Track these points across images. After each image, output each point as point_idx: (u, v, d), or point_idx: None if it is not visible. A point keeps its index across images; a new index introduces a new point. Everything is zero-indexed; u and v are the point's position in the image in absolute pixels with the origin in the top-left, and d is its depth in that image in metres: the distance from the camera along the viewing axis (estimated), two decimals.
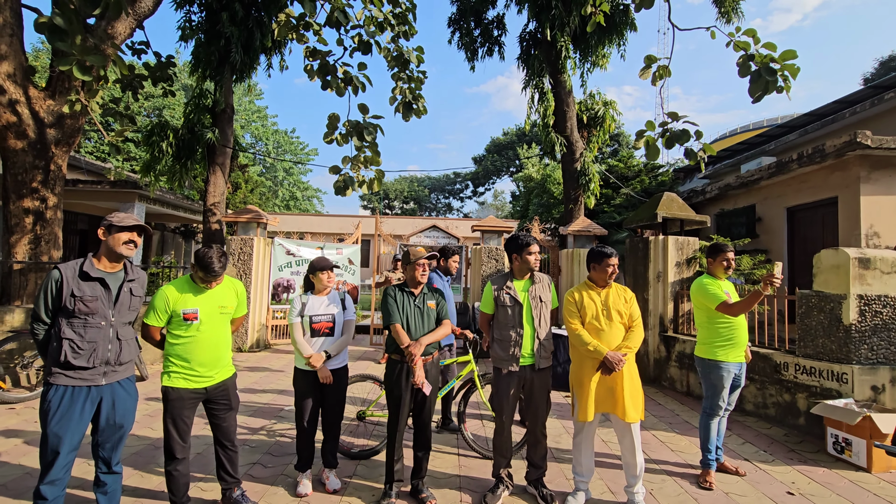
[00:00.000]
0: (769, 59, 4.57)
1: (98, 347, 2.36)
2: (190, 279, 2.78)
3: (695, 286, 3.69)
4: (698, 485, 3.43)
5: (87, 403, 2.35)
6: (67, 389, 2.31)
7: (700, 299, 3.64)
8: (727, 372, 3.50)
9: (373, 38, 6.60)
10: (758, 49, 4.64)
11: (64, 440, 2.28)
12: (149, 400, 5.20)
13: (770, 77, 4.56)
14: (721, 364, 3.50)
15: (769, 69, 4.58)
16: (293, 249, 8.94)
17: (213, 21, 8.80)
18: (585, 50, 10.29)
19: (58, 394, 2.29)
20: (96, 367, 2.36)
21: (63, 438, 2.27)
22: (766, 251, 8.59)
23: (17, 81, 5.74)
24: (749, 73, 4.73)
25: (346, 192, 6.08)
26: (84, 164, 12.79)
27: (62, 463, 2.30)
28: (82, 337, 2.33)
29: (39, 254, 6.04)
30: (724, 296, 3.51)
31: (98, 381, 2.37)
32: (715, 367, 3.52)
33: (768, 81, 4.56)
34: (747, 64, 4.74)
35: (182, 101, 22.09)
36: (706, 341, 3.61)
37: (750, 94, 4.77)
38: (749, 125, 21.96)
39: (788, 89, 4.60)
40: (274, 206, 29.74)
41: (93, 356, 2.34)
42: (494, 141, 41.56)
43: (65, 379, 2.30)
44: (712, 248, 3.74)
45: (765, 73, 4.58)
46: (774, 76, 4.56)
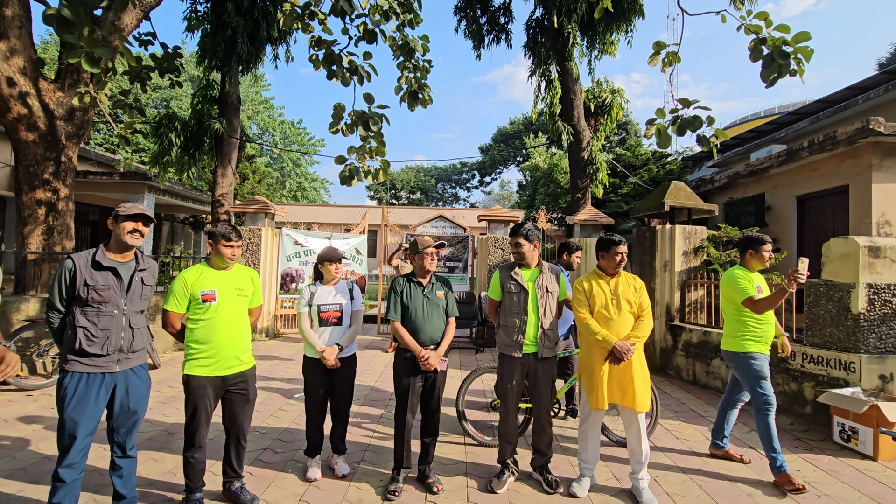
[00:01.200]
0: (782, 42, 4.49)
1: (111, 335, 2.41)
2: (206, 263, 2.85)
3: (725, 277, 3.57)
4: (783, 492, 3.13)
5: (102, 390, 2.41)
6: (83, 376, 2.37)
7: (728, 291, 3.52)
8: (763, 360, 3.37)
9: (378, 26, 6.57)
10: (770, 32, 4.56)
11: (80, 425, 2.34)
12: (161, 387, 5.30)
13: (783, 60, 4.49)
14: (754, 354, 3.37)
15: (782, 52, 4.50)
16: (301, 240, 9.00)
17: (219, 11, 8.79)
18: (593, 37, 10.16)
19: (73, 380, 2.36)
20: (110, 354, 2.41)
21: (79, 423, 2.34)
22: (776, 240, 8.52)
23: (28, 74, 5.79)
24: (761, 58, 4.65)
25: (352, 182, 6.10)
26: (94, 155, 12.91)
27: (79, 447, 2.36)
28: (96, 325, 2.38)
29: (52, 244, 6.13)
30: (754, 290, 3.38)
31: (112, 369, 2.43)
32: (749, 359, 3.38)
33: (781, 65, 4.49)
34: (759, 48, 4.67)
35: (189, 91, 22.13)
36: (734, 334, 3.48)
37: (762, 79, 4.70)
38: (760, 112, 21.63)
39: (802, 72, 4.53)
40: (281, 197, 29.87)
41: (106, 344, 2.40)
42: (501, 130, 41.28)
43: (80, 366, 2.36)
44: (749, 240, 3.56)
45: (777, 56, 4.50)
46: (787, 59, 4.49)
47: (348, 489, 3.09)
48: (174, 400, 4.87)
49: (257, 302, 3.03)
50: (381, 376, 6.10)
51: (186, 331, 2.78)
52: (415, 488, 3.11)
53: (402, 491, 3.04)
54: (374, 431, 4.16)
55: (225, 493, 2.90)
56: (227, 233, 2.78)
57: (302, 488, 3.08)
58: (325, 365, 3.15)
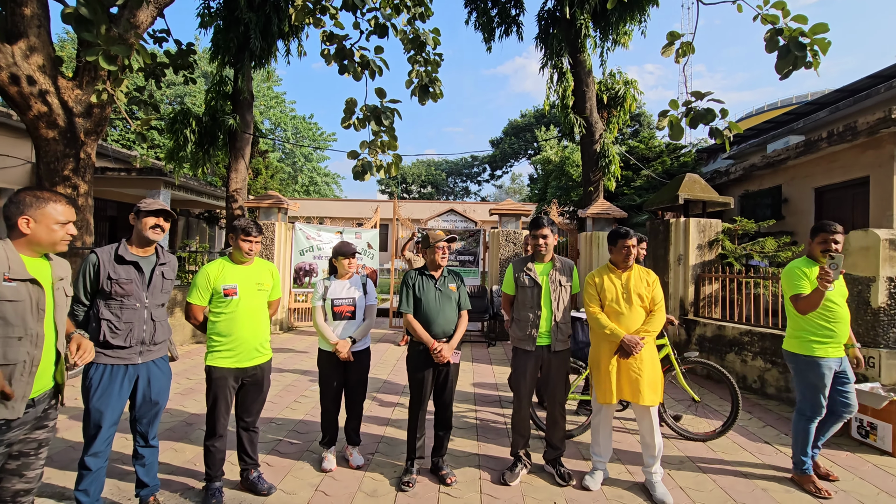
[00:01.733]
0: (798, 33, 4.39)
1: (134, 328, 2.48)
2: (228, 258, 2.92)
3: (785, 271, 3.21)
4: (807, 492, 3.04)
5: (125, 381, 2.48)
6: (107, 368, 2.44)
7: (783, 285, 3.22)
8: (827, 369, 3.02)
9: (389, 20, 6.55)
10: (787, 22, 4.46)
11: (105, 415, 2.41)
12: (180, 379, 5.42)
13: (799, 52, 4.39)
14: (819, 360, 3.02)
15: (798, 44, 4.40)
16: (313, 234, 9.08)
17: (232, 7, 8.84)
18: (606, 28, 10.02)
19: (98, 372, 2.43)
20: (132, 346, 2.48)
21: (104, 413, 2.41)
22: (792, 233, 8.38)
23: (47, 72, 5.90)
24: (777, 49, 4.56)
25: (365, 177, 6.12)
26: (111, 152, 13.12)
27: (104, 436, 2.44)
28: (119, 318, 2.45)
29: (74, 240, 6.27)
30: (807, 288, 3.03)
31: (135, 360, 2.50)
32: (812, 364, 3.04)
33: (797, 57, 4.39)
34: (775, 38, 4.57)
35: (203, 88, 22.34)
36: (798, 334, 3.13)
37: (777, 71, 4.60)
38: (777, 103, 21.16)
39: (817, 65, 4.42)
40: (294, 192, 30.08)
41: (129, 336, 2.46)
42: (512, 123, 41.00)
43: (104, 358, 2.43)
44: (820, 227, 3.17)
45: (793, 47, 4.40)
46: (804, 51, 4.39)
47: (363, 480, 3.14)
48: (192, 391, 4.97)
49: (276, 295, 3.10)
50: (393, 369, 6.16)
51: (209, 323, 2.84)
52: (428, 480, 3.15)
53: (415, 482, 3.08)
54: (387, 423, 4.21)
55: (243, 482, 2.97)
56: (247, 227, 2.85)
57: (318, 478, 3.14)
58: (339, 358, 3.20)
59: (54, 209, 1.92)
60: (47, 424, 1.95)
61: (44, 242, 1.91)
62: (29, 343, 1.79)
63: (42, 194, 1.93)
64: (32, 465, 1.90)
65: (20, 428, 1.81)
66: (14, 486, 1.86)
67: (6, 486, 1.85)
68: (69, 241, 2.00)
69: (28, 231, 1.86)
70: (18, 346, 1.77)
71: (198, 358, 6.45)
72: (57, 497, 2.79)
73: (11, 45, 5.58)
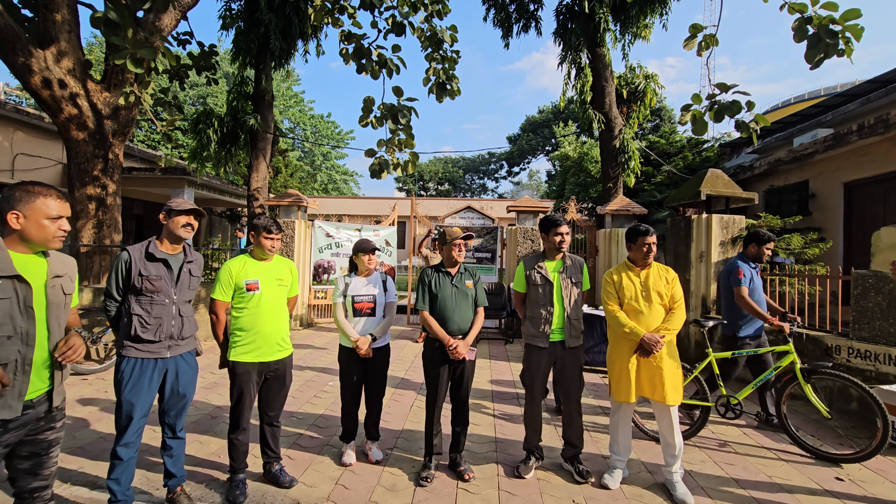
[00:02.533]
0: (829, 21, 4.26)
1: (163, 323, 2.56)
2: (249, 255, 3.00)
3: None
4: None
5: (155, 374, 2.57)
6: (138, 361, 2.53)
7: None
8: None
9: (406, 18, 6.59)
10: (816, 10, 4.33)
11: (136, 406, 2.50)
12: (204, 373, 5.56)
13: (830, 40, 4.25)
14: None
15: (829, 31, 4.27)
16: (332, 232, 9.19)
17: (252, 9, 8.99)
18: (626, 21, 9.85)
19: (129, 365, 2.52)
20: (161, 340, 2.57)
21: (135, 405, 2.50)
22: (820, 229, 8.14)
23: (77, 76, 6.10)
24: (806, 38, 4.43)
25: (382, 175, 6.18)
26: (137, 152, 13.48)
27: (135, 427, 2.53)
28: (149, 313, 2.54)
29: (102, 237, 6.49)
30: None
31: (163, 354, 2.58)
32: None
33: (828, 45, 4.26)
34: (804, 27, 4.44)
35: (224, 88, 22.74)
36: None
37: (807, 60, 4.47)
38: (804, 95, 20.51)
39: (850, 52, 4.28)
40: (312, 190, 30.43)
41: (158, 331, 2.55)
42: (529, 119, 40.68)
43: (135, 352, 2.52)
44: None
45: (824, 35, 4.27)
46: (835, 39, 4.25)
47: (382, 474, 3.18)
48: (216, 386, 5.10)
49: (294, 292, 3.16)
50: (411, 365, 6.21)
51: (231, 319, 2.92)
52: (447, 475, 3.18)
53: (434, 477, 3.11)
54: (406, 419, 4.25)
55: (266, 475, 3.04)
56: (268, 226, 2.94)
57: (338, 472, 3.20)
58: (359, 354, 3.25)
59: (44, 203, 1.84)
60: (55, 426, 1.95)
61: (35, 238, 1.83)
62: (19, 342, 1.77)
63: (33, 188, 1.85)
64: (46, 464, 1.94)
65: (19, 430, 1.81)
66: (30, 483, 1.91)
67: (22, 484, 1.90)
68: (63, 236, 1.91)
69: (18, 227, 1.80)
70: (8, 345, 1.75)
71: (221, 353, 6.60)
72: (90, 486, 2.91)
73: (44, 49, 5.79)
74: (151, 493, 2.84)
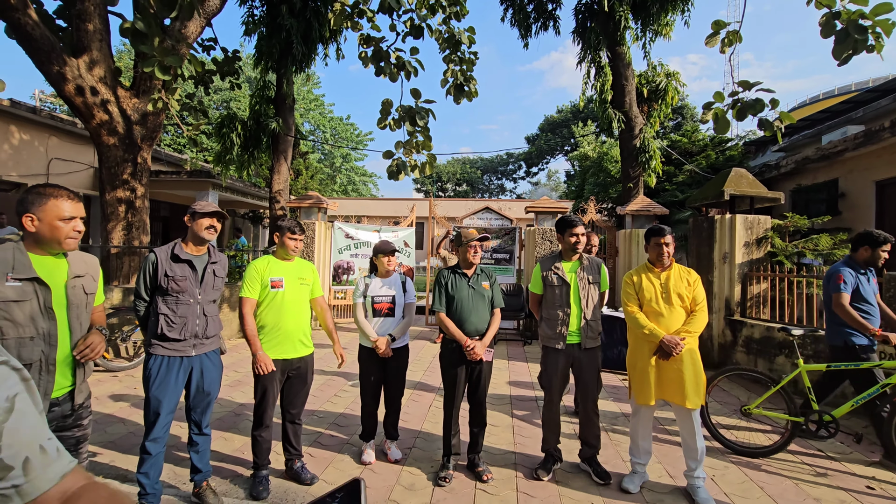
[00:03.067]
0: (858, 16, 4.13)
1: (188, 322, 2.65)
2: (272, 256, 3.11)
3: None
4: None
5: (181, 372, 2.66)
6: (164, 359, 2.62)
7: None
8: None
9: (424, 21, 6.63)
10: (844, 5, 4.21)
11: (163, 403, 2.60)
12: (228, 371, 5.69)
13: (859, 35, 4.13)
14: None
15: (858, 26, 4.14)
16: (352, 233, 9.30)
17: (274, 14, 9.16)
18: (646, 19, 9.72)
19: (157, 363, 2.62)
20: (187, 339, 2.65)
21: (162, 401, 2.59)
22: (850, 230, 7.88)
23: (108, 83, 6.32)
24: (833, 33, 4.30)
25: (399, 177, 6.23)
26: (164, 156, 13.87)
27: (162, 423, 2.62)
28: (175, 312, 2.63)
29: (132, 239, 6.70)
30: None
31: (189, 353, 2.67)
32: None
33: (856, 40, 4.13)
34: (831, 23, 4.32)
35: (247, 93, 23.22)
36: None
37: (834, 56, 4.34)
38: (833, 91, 19.86)
39: (880, 48, 4.15)
40: (332, 192, 30.79)
41: (184, 329, 2.64)
42: (548, 119, 40.38)
43: (162, 350, 2.62)
44: None
45: (853, 30, 4.14)
46: (864, 34, 4.12)
47: (401, 473, 3.22)
48: (240, 384, 5.22)
49: (318, 293, 3.25)
50: (429, 366, 6.24)
51: (257, 317, 3.01)
52: (465, 476, 3.20)
53: (452, 478, 3.13)
54: (424, 419, 4.28)
55: (287, 472, 3.11)
56: (292, 227, 3.06)
57: (357, 470, 3.25)
58: (378, 354, 3.29)
59: (56, 205, 1.84)
60: (82, 423, 2.03)
61: (49, 239, 1.85)
62: (42, 342, 1.81)
63: (45, 190, 1.86)
64: None
65: None
66: None
67: None
68: (77, 237, 1.92)
69: (33, 229, 1.83)
70: (31, 346, 1.79)
71: (245, 352, 6.75)
72: (120, 479, 3.01)
73: (77, 58, 6.01)
74: (179, 487, 2.93)
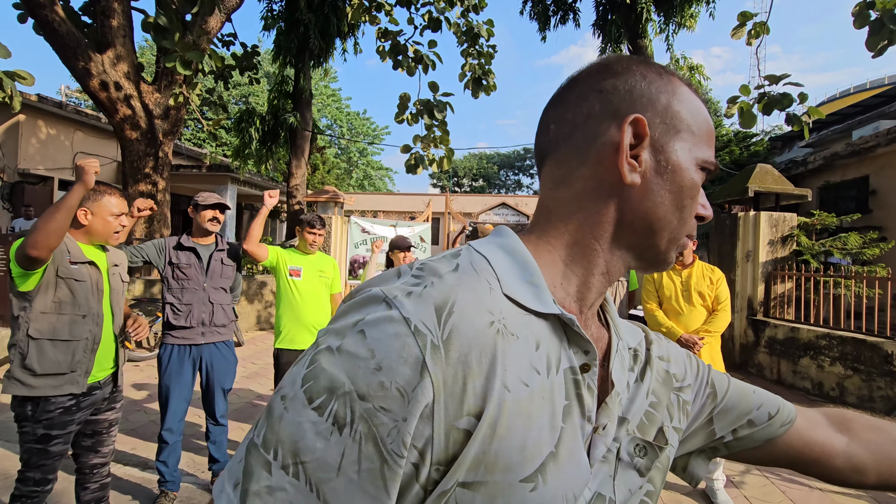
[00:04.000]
0: (894, 5, 3.96)
1: (194, 309, 2.71)
2: (294, 249, 3.18)
3: None
4: None
5: (190, 360, 2.72)
6: (174, 348, 2.69)
7: None
8: None
9: (443, 14, 6.59)
10: None
11: (173, 390, 2.66)
12: (246, 363, 5.78)
13: (895, 26, 3.96)
14: None
15: (894, 16, 3.97)
16: (368, 227, 9.33)
17: (293, 9, 9.21)
18: (669, 11, 9.50)
19: (167, 352, 2.68)
20: (194, 326, 2.71)
21: (172, 389, 2.66)
22: (881, 228, 7.61)
23: (131, 78, 6.44)
24: (867, 24, 4.13)
25: (417, 171, 6.23)
26: (184, 150, 14.11)
27: (174, 411, 2.68)
28: (180, 300, 2.69)
29: (153, 232, 6.84)
30: None
31: (197, 340, 2.72)
32: None
33: (892, 31, 3.96)
34: (865, 13, 4.14)
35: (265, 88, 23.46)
36: None
37: (868, 48, 4.17)
38: (865, 84, 19.19)
39: None
40: (348, 186, 31.00)
41: (190, 316, 2.70)
42: None
43: (171, 339, 2.69)
44: None
45: (888, 20, 3.97)
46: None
47: None
48: (258, 375, 5.30)
49: (337, 289, 3.28)
50: None
51: (276, 308, 3.06)
52: None
53: None
54: None
55: None
56: (312, 221, 3.12)
57: None
58: None
59: (109, 202, 2.04)
60: (115, 406, 2.16)
61: (100, 232, 2.03)
62: (91, 321, 1.97)
63: (99, 188, 2.04)
64: (105, 442, 2.13)
65: (88, 408, 2.00)
66: (91, 460, 2.10)
67: (84, 460, 2.09)
68: (122, 231, 2.11)
69: (86, 222, 2.00)
70: (83, 324, 1.94)
71: (261, 344, 6.85)
72: (141, 466, 3.08)
73: (101, 54, 6.13)
74: (197, 476, 2.99)
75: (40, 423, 1.85)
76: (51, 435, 1.87)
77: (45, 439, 1.87)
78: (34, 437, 1.86)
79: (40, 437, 1.86)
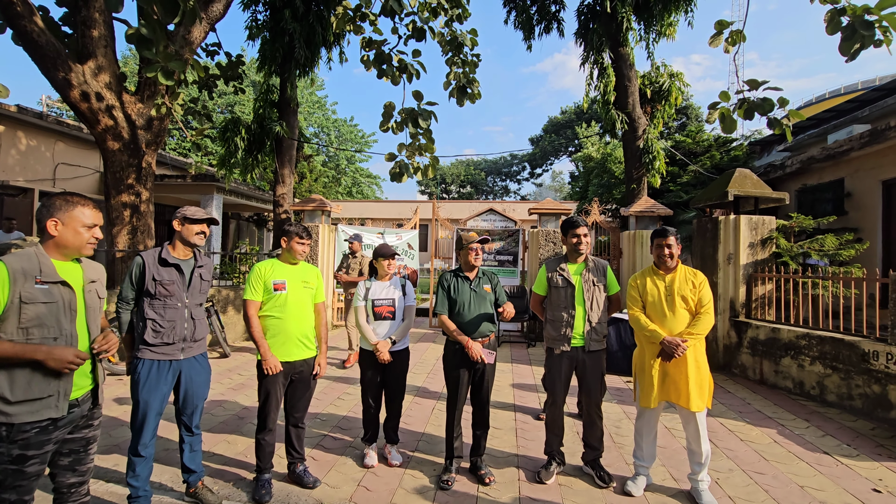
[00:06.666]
0: (863, 11, 4.10)
1: (176, 326, 2.68)
2: (277, 259, 3.12)
3: None
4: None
5: (169, 375, 2.68)
6: (153, 363, 2.64)
7: None
8: None
9: (426, 24, 6.64)
10: (849, 0, 4.18)
11: (151, 405, 2.62)
12: (232, 375, 5.71)
13: (866, 31, 4.09)
14: None
15: (864, 22, 4.10)
16: None
17: (277, 19, 9.21)
18: (649, 20, 9.69)
19: (145, 367, 2.63)
20: (175, 343, 2.68)
21: (150, 404, 2.62)
22: (856, 229, 7.81)
23: (113, 88, 6.38)
24: (839, 30, 4.27)
25: (402, 179, 6.24)
26: (169, 160, 13.96)
27: (150, 426, 2.65)
28: (163, 317, 2.65)
29: (136, 243, 6.74)
30: None
31: (177, 356, 2.69)
32: None
33: (864, 36, 4.10)
34: (837, 19, 4.29)
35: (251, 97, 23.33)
36: None
37: (842, 52, 4.31)
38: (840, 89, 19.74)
39: (889, 42, 4.10)
40: (336, 194, 30.86)
41: (172, 333, 2.66)
42: (552, 120, 40.35)
43: (150, 354, 2.64)
44: None
45: (859, 26, 4.11)
46: (871, 30, 4.08)
47: (403, 476, 3.21)
48: (244, 387, 5.24)
49: (321, 298, 3.24)
50: (433, 368, 6.24)
51: (259, 320, 3.01)
52: (467, 479, 3.19)
53: (454, 481, 3.12)
54: (427, 422, 4.28)
55: (290, 475, 3.11)
56: (300, 231, 3.07)
57: (360, 474, 3.24)
58: (376, 354, 3.29)
59: (81, 212, 1.97)
60: (93, 423, 2.09)
61: (70, 245, 1.96)
62: (64, 343, 1.89)
63: (71, 198, 1.98)
64: (83, 461, 2.06)
65: (65, 427, 1.94)
66: (69, 479, 2.02)
67: (62, 480, 2.02)
68: (95, 244, 2.04)
69: (55, 233, 1.92)
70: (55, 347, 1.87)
71: (248, 355, 6.77)
72: (123, 483, 3.02)
73: (82, 64, 6.07)
74: (172, 489, 2.95)
75: (15, 443, 1.79)
76: (26, 455, 1.81)
77: (21, 460, 1.80)
78: (9, 458, 1.79)
79: (15, 458, 1.80)
